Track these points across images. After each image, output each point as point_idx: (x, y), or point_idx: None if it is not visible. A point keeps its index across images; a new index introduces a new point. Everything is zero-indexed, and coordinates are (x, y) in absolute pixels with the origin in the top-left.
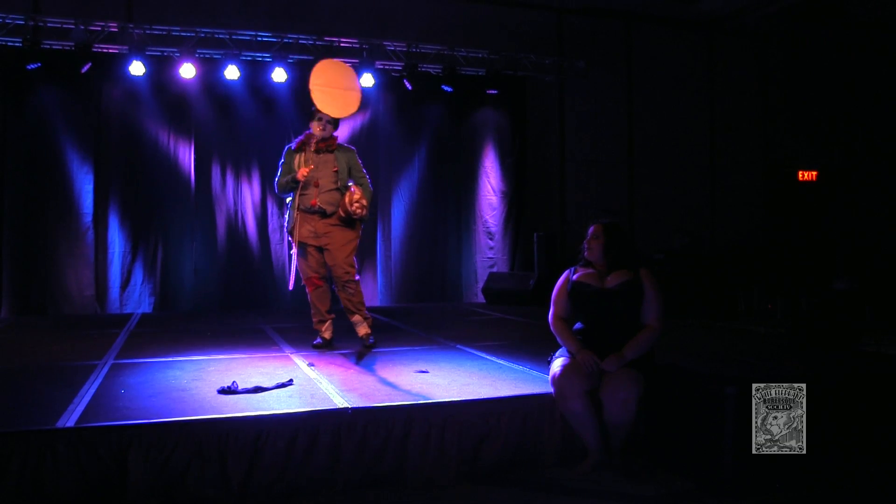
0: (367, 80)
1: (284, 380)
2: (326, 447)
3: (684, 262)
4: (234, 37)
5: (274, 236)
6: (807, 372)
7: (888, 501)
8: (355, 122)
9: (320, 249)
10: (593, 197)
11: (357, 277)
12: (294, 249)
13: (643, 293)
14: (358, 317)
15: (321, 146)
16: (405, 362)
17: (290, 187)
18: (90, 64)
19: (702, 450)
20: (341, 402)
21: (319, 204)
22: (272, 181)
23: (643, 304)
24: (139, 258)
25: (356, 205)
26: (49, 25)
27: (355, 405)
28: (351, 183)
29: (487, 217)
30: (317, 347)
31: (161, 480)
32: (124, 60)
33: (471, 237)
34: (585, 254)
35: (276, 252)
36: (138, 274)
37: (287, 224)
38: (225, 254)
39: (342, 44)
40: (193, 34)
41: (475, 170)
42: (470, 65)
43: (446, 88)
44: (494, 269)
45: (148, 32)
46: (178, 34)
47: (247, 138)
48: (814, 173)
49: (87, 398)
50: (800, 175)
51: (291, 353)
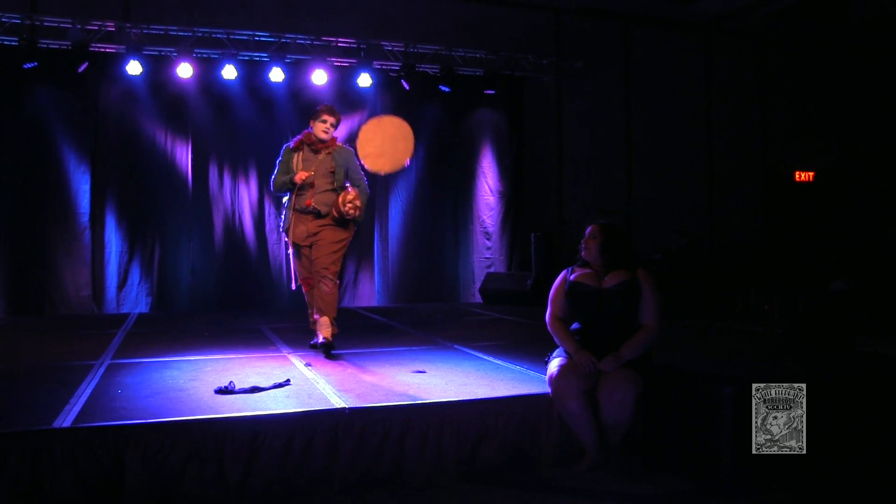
0: (365, 81)
1: (282, 380)
2: (324, 447)
3: (682, 263)
4: (232, 36)
5: (271, 236)
6: (805, 372)
7: (888, 501)
8: (353, 122)
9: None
10: (591, 197)
11: (336, 280)
12: (290, 249)
13: (640, 293)
14: (325, 319)
15: (320, 146)
16: (402, 362)
17: (287, 187)
18: (87, 63)
19: (699, 450)
20: (338, 403)
21: (314, 204)
22: (269, 181)
23: (640, 305)
24: (136, 258)
25: (349, 205)
26: (46, 24)
27: (352, 405)
28: (347, 184)
29: (485, 217)
30: (314, 347)
31: (158, 480)
32: (121, 60)
33: (468, 237)
34: (583, 254)
35: (274, 252)
36: (135, 274)
37: (283, 224)
38: (222, 254)
39: (340, 44)
40: (191, 34)
41: (473, 170)
42: (468, 65)
43: (444, 89)
44: (492, 270)
45: (145, 32)
46: (176, 34)
47: (244, 138)
48: (811, 174)
49: (84, 398)
50: (797, 175)
51: (288, 353)
